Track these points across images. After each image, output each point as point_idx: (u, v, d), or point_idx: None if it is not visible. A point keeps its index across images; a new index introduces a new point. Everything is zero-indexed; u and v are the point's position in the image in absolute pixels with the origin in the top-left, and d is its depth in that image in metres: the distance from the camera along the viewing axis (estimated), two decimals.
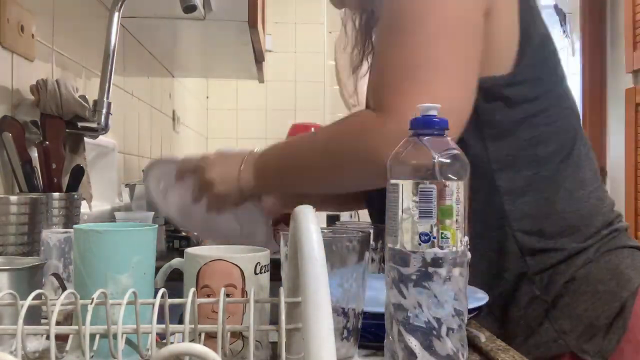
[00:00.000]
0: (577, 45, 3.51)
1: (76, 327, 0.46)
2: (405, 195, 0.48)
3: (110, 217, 1.39)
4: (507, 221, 0.79)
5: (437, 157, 0.48)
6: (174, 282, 0.63)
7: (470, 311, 0.62)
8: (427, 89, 0.72)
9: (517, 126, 0.80)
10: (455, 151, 0.49)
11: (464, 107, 0.73)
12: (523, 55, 0.79)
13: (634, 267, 0.79)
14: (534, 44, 0.80)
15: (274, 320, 0.47)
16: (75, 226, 0.56)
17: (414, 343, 0.48)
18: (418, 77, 0.73)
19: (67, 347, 0.49)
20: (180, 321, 0.48)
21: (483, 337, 0.65)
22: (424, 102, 0.65)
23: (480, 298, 0.67)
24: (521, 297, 0.79)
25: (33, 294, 0.45)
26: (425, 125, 0.50)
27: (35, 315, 0.55)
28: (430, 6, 0.74)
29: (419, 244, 0.48)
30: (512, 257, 0.79)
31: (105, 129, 1.10)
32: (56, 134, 0.98)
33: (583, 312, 0.77)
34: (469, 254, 0.50)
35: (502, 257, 0.79)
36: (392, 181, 0.50)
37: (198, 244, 1.12)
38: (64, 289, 0.69)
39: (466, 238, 0.49)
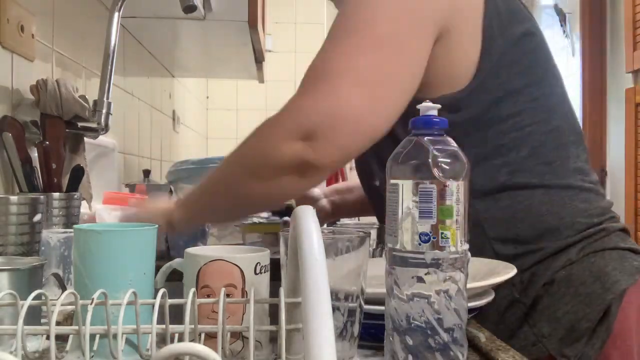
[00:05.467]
0: (577, 45, 3.51)
1: (76, 327, 0.46)
2: (405, 195, 0.48)
3: None
4: (482, 229, 0.78)
5: (437, 157, 0.48)
6: (174, 282, 0.63)
7: (470, 311, 0.62)
8: (329, 93, 0.72)
9: (483, 135, 0.79)
10: (456, 151, 0.49)
11: (370, 120, 0.72)
12: (481, 70, 0.78)
13: (623, 269, 0.76)
14: (498, 52, 0.79)
15: (274, 321, 0.47)
16: (75, 226, 0.56)
17: (413, 343, 0.48)
18: (328, 81, 0.72)
19: (67, 347, 0.49)
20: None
21: (483, 337, 0.65)
22: (322, 105, 0.71)
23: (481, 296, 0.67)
24: (500, 300, 0.76)
25: (33, 294, 0.45)
26: (426, 125, 0.50)
27: (35, 315, 0.56)
28: (362, 22, 0.75)
29: (419, 244, 0.48)
30: None
31: (105, 129, 1.10)
32: (56, 134, 0.98)
33: (563, 316, 0.75)
34: (469, 254, 0.50)
35: None
36: (392, 181, 0.50)
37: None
38: (64, 289, 0.69)
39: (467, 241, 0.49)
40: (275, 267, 0.58)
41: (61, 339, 0.51)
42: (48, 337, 0.44)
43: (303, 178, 0.73)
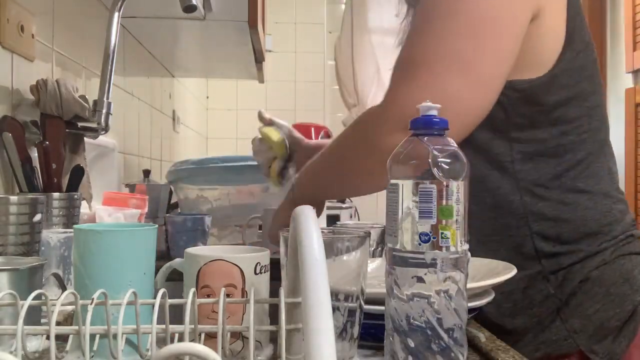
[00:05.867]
0: None
1: (76, 327, 0.46)
2: (405, 195, 0.48)
3: None
4: (526, 222, 0.80)
5: (437, 157, 0.48)
6: (174, 282, 0.63)
7: (470, 311, 0.62)
8: (434, 81, 0.70)
9: (548, 132, 0.80)
10: (456, 151, 0.49)
11: (475, 105, 0.71)
12: (563, 59, 0.78)
13: None
14: (576, 49, 0.79)
15: (274, 321, 0.47)
16: (75, 226, 0.56)
17: (413, 343, 0.48)
18: (429, 69, 0.71)
19: (67, 347, 0.50)
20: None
21: (483, 337, 0.65)
22: (428, 94, 0.65)
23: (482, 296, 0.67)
24: (535, 294, 0.79)
25: (33, 294, 0.45)
26: (426, 125, 0.50)
27: (35, 315, 0.56)
28: (459, 4, 0.72)
29: (419, 244, 0.48)
30: (527, 257, 0.80)
31: (105, 129, 1.10)
32: (56, 134, 0.98)
33: (594, 313, 0.77)
34: (469, 254, 0.50)
35: (517, 257, 0.79)
36: (392, 181, 0.50)
37: None
38: (64, 289, 0.69)
39: (467, 241, 0.49)
40: (275, 267, 0.58)
41: (61, 339, 0.51)
42: (48, 337, 0.44)
43: None
